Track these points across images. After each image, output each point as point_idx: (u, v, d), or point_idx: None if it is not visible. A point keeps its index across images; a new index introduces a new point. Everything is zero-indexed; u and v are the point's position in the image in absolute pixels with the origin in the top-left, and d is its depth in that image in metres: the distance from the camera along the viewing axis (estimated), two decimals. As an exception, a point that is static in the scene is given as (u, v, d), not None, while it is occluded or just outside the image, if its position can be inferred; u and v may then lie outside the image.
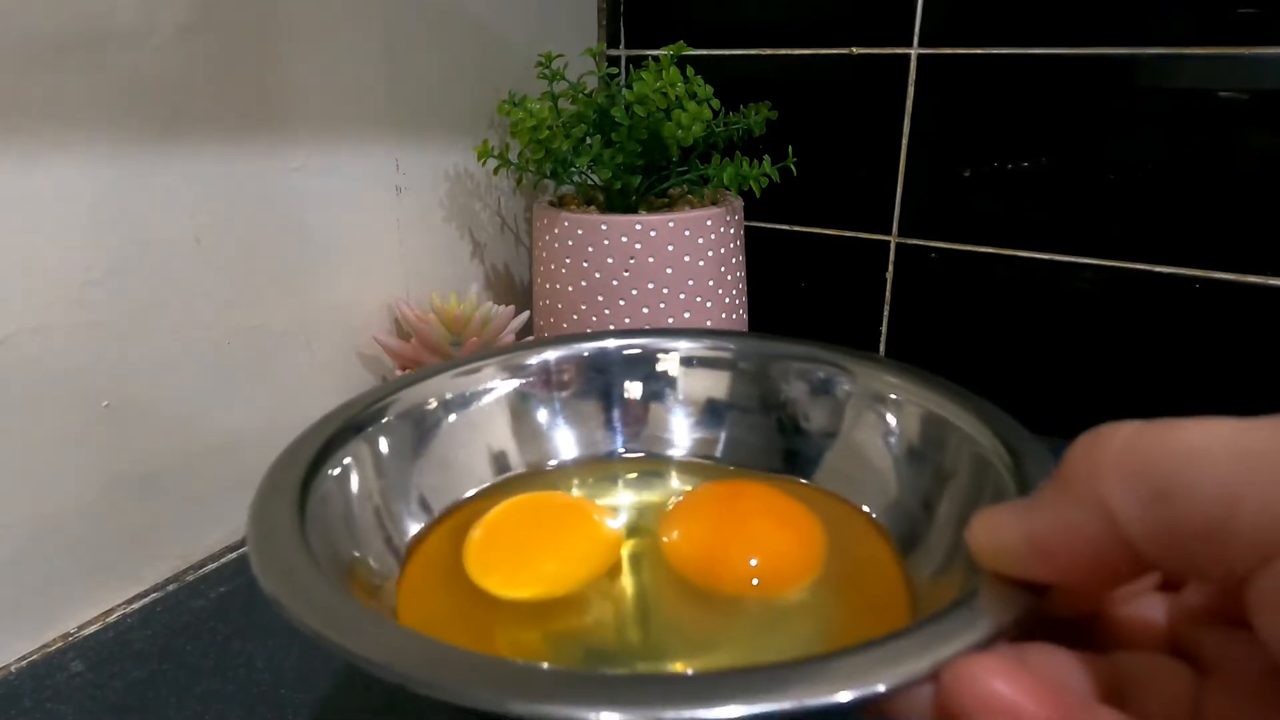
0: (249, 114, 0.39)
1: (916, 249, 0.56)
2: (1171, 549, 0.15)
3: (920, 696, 0.16)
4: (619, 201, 0.50)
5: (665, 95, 0.45)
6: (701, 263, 0.47)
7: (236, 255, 0.40)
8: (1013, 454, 0.25)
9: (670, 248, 0.46)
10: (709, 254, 0.47)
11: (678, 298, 0.47)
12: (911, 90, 0.53)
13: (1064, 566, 0.17)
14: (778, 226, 0.61)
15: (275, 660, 0.33)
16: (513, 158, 0.50)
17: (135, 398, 0.36)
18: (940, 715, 0.16)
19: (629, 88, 0.46)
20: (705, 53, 0.59)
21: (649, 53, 0.61)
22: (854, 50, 0.55)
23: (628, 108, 0.47)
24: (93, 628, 0.35)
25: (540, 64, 0.48)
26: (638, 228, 0.46)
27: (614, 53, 0.64)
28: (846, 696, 0.15)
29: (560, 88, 0.49)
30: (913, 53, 0.53)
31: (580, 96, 0.49)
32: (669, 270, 0.46)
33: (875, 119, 0.55)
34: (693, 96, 0.46)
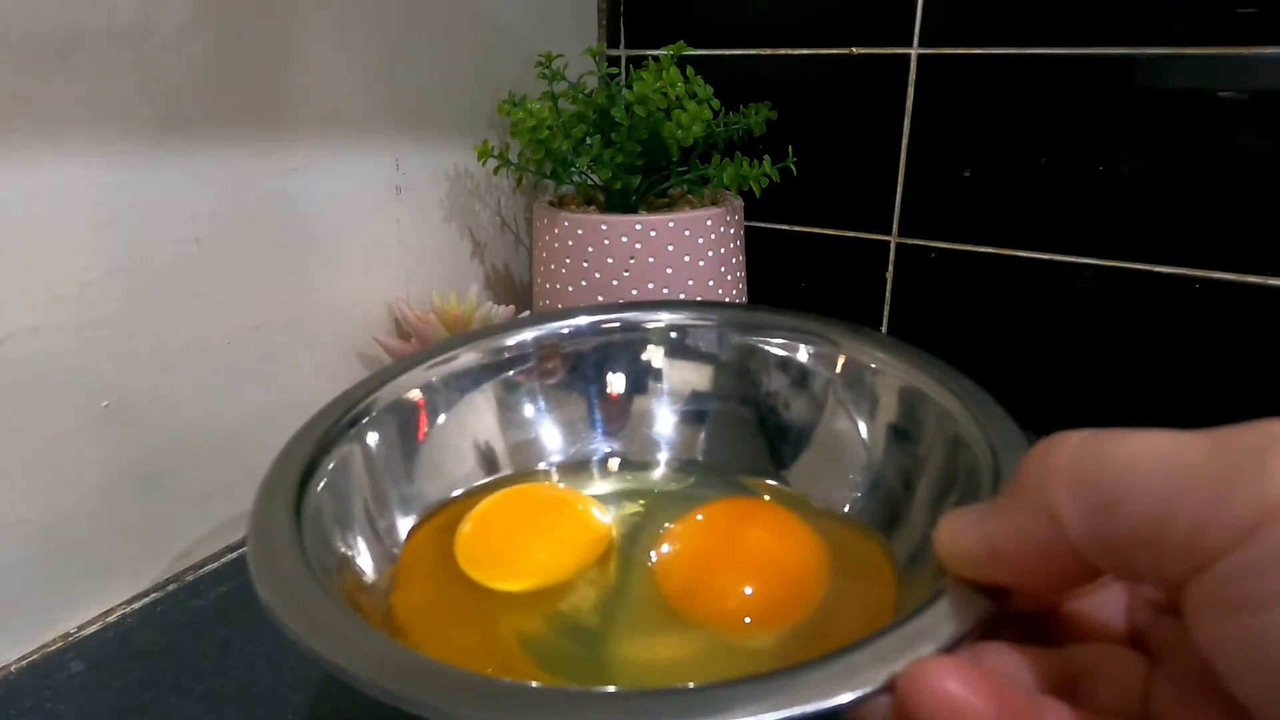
0: (249, 114, 0.39)
1: (916, 249, 0.56)
2: (1113, 556, 0.15)
3: (878, 701, 0.16)
4: (619, 201, 0.50)
5: (665, 95, 0.45)
6: (701, 263, 0.47)
7: (236, 255, 0.40)
8: (987, 434, 0.25)
9: (670, 248, 0.46)
10: (709, 254, 0.47)
11: (678, 298, 0.47)
12: (911, 90, 0.53)
13: (1019, 571, 0.17)
14: (778, 226, 0.61)
15: (275, 660, 0.33)
16: (513, 158, 0.50)
17: (135, 398, 0.36)
18: (898, 717, 0.16)
19: (629, 88, 0.46)
20: (705, 53, 0.59)
21: (649, 53, 0.61)
22: (854, 50, 0.55)
23: (628, 108, 0.47)
24: (93, 628, 0.35)
25: (540, 64, 0.48)
26: (638, 228, 0.46)
27: (614, 53, 0.64)
28: (803, 711, 0.16)
29: (560, 88, 0.49)
30: (913, 53, 0.53)
31: (580, 96, 0.49)
32: (669, 270, 0.46)
33: (875, 119, 0.55)
34: (693, 96, 0.46)
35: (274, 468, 0.26)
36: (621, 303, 0.43)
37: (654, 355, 0.37)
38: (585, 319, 0.37)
